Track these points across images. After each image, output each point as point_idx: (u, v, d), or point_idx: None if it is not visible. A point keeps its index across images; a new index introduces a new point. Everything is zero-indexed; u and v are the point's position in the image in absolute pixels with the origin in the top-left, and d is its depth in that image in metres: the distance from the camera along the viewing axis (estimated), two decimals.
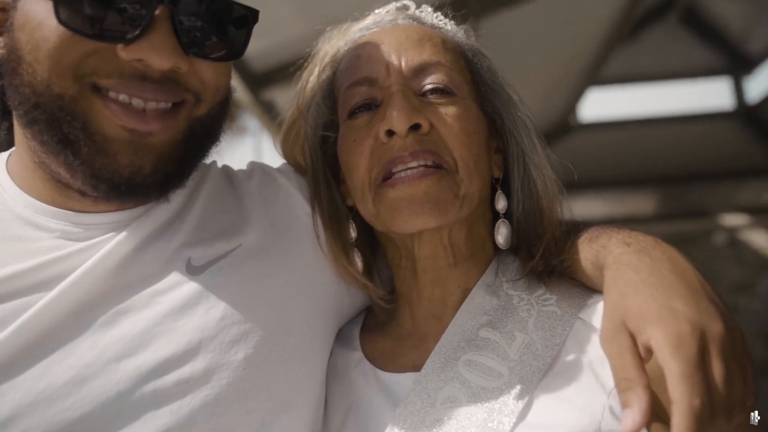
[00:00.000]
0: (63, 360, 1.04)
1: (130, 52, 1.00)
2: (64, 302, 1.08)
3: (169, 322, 1.11)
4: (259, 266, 1.24)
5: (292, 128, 1.50)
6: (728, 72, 11.20)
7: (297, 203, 1.38)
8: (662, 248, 1.12)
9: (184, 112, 1.10)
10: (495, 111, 1.37)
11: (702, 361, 0.89)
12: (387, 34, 1.36)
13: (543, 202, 1.33)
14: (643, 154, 10.45)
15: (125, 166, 1.05)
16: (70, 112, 1.02)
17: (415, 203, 1.22)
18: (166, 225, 1.22)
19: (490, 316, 1.26)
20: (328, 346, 1.36)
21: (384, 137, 1.24)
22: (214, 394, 1.09)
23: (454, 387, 1.19)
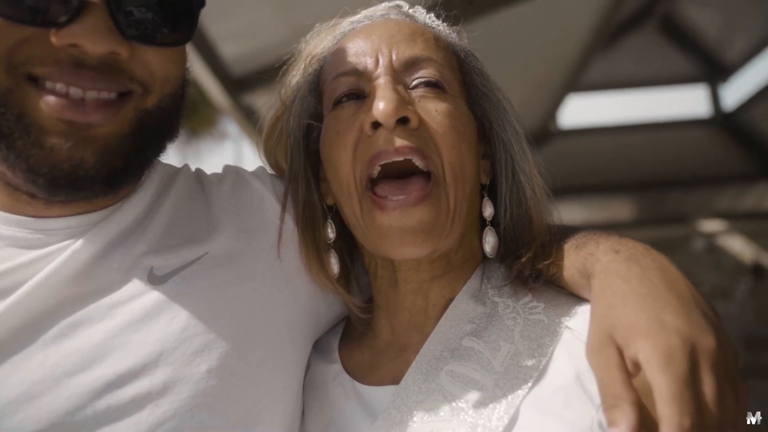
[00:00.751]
0: (10, 376, 1.00)
1: (62, 36, 0.95)
2: (15, 315, 1.03)
3: (128, 334, 1.07)
4: (226, 274, 1.20)
5: (276, 125, 1.44)
6: (705, 79, 11.29)
7: (270, 208, 1.33)
8: (652, 256, 1.08)
9: (130, 104, 1.05)
10: (484, 115, 1.32)
11: (692, 378, 0.85)
12: (378, 27, 1.31)
13: (532, 210, 1.28)
14: (622, 160, 10.50)
15: (64, 159, 0.99)
16: (3, 103, 0.97)
17: (407, 234, 1.17)
18: (129, 231, 1.17)
19: (475, 324, 1.21)
20: (303, 357, 1.31)
21: (369, 129, 1.18)
22: (174, 408, 1.04)
23: (436, 399, 1.14)
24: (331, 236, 1.32)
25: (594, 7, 6.38)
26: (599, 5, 6.34)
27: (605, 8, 6.37)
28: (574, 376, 1.10)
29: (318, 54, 1.39)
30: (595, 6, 6.36)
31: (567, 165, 10.24)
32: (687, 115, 11.32)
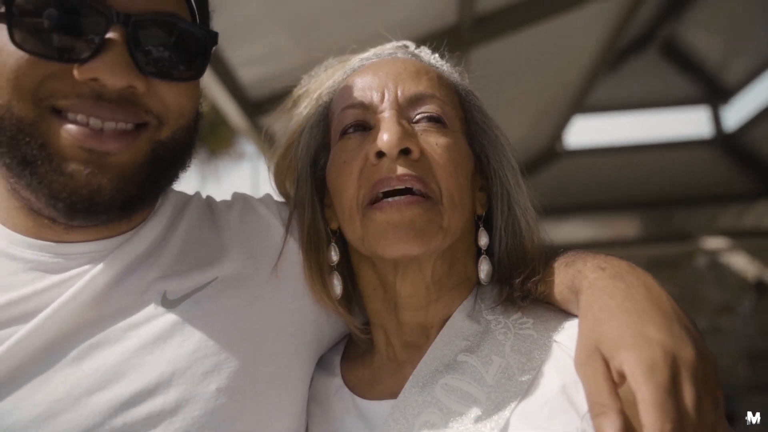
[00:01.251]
0: (32, 395, 1.01)
1: (84, 71, 0.99)
2: (38, 337, 1.05)
3: (143, 356, 1.09)
4: (235, 298, 1.22)
5: (286, 155, 1.47)
6: (706, 101, 11.26)
7: (276, 233, 1.35)
8: (636, 273, 1.10)
9: (146, 135, 1.08)
10: (482, 150, 1.36)
11: (673, 387, 0.88)
12: (386, 64, 1.35)
13: (526, 240, 1.31)
14: (626, 179, 10.47)
15: (83, 185, 1.02)
16: (29, 133, 1.00)
17: (400, 229, 1.19)
18: (144, 257, 1.19)
19: (469, 341, 1.24)
20: (307, 374, 1.33)
21: (374, 158, 1.22)
22: (186, 425, 1.06)
23: (432, 412, 1.16)
24: (335, 259, 1.35)
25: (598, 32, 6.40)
26: (603, 30, 6.35)
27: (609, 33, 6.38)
28: (560, 389, 1.13)
29: (327, 87, 1.43)
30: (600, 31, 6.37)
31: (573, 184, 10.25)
32: (689, 136, 11.28)
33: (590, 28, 6.25)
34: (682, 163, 10.71)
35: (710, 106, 11.22)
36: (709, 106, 11.24)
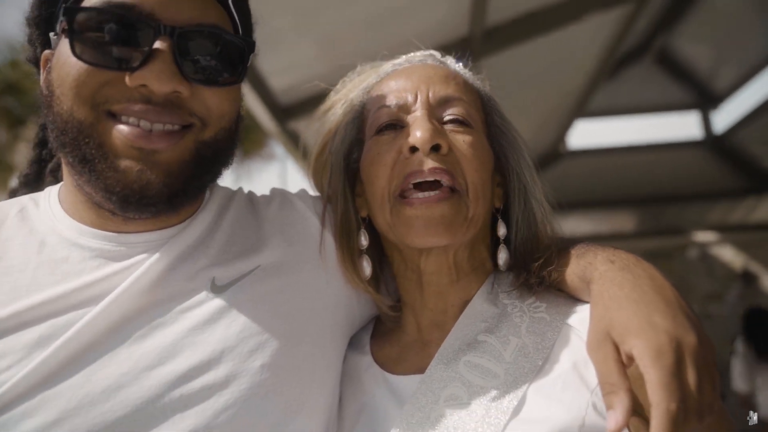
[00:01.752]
0: (102, 369, 1.05)
1: (134, 78, 1.02)
2: (105, 318, 1.08)
3: (195, 335, 1.11)
4: (276, 284, 1.24)
5: (323, 151, 1.48)
6: (697, 106, 11.21)
7: (312, 225, 1.37)
8: (643, 266, 1.12)
9: (190, 135, 1.10)
10: (501, 150, 1.37)
11: (678, 370, 0.90)
12: (417, 69, 1.38)
13: (540, 231, 1.33)
14: (624, 178, 10.44)
15: (134, 180, 1.05)
16: (88, 134, 1.05)
17: (430, 224, 1.22)
18: (194, 246, 1.21)
19: (488, 322, 1.26)
20: (341, 352, 1.35)
21: (407, 152, 1.24)
22: (234, 398, 1.09)
23: (456, 386, 1.18)
24: (364, 243, 1.36)
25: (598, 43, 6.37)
26: (603, 41, 6.33)
27: (608, 44, 6.37)
28: (571, 366, 1.14)
29: (361, 89, 1.44)
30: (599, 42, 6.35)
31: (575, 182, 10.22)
32: (681, 138, 11.24)
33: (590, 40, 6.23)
34: (674, 163, 10.68)
35: (701, 110, 11.18)
36: (699, 111, 11.19)
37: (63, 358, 1.03)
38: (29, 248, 1.15)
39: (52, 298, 1.08)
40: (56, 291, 1.09)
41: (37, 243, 1.16)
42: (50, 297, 1.08)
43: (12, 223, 1.20)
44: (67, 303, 1.08)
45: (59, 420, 0.99)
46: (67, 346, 1.04)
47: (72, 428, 0.99)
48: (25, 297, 1.08)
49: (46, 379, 1.02)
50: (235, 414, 1.08)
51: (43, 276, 1.11)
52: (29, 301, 1.07)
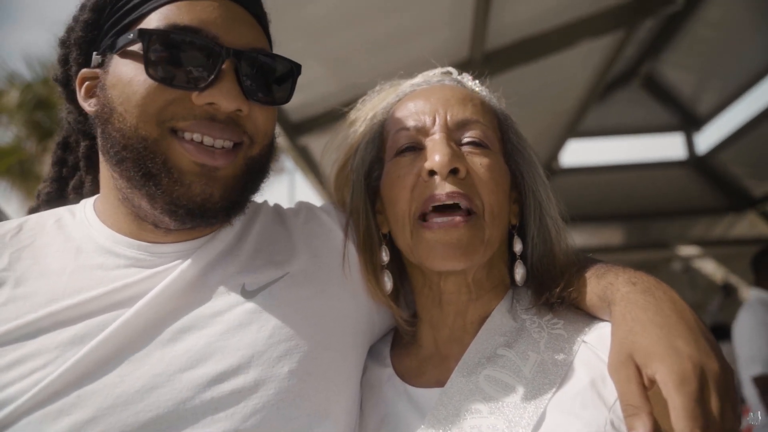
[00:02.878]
0: (136, 370, 1.04)
1: (202, 97, 1.04)
2: (137, 321, 1.07)
3: (226, 339, 1.09)
4: (303, 291, 1.22)
5: (344, 168, 1.46)
6: (681, 128, 11.20)
7: (336, 237, 1.35)
8: (663, 288, 1.08)
9: (242, 152, 1.12)
10: (518, 168, 1.33)
11: (701, 396, 0.87)
12: (436, 91, 1.33)
13: (555, 247, 1.28)
14: (612, 194, 10.45)
15: (198, 194, 1.07)
16: (152, 151, 1.05)
17: (448, 248, 1.18)
18: (223, 254, 1.21)
19: (507, 337, 1.21)
20: (361, 360, 1.32)
21: (426, 176, 1.21)
22: (263, 402, 1.06)
23: (476, 400, 1.14)
24: (385, 259, 1.32)
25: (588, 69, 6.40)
26: (593, 67, 6.35)
27: (598, 69, 6.39)
28: (589, 382, 1.10)
29: (381, 108, 1.41)
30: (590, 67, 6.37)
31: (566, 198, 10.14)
32: (666, 157, 11.23)
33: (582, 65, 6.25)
34: (659, 181, 10.69)
35: (684, 132, 11.17)
36: (683, 133, 11.19)
37: (97, 357, 1.02)
38: (66, 254, 1.15)
39: (86, 300, 1.07)
40: (91, 294, 1.08)
41: (74, 249, 1.16)
42: (85, 299, 1.07)
43: (50, 231, 1.20)
44: (101, 305, 1.08)
45: (95, 418, 0.98)
46: (101, 347, 1.03)
47: (106, 427, 0.98)
48: (60, 299, 1.07)
49: (82, 376, 1.01)
50: (263, 418, 1.06)
51: (78, 280, 1.11)
52: (65, 302, 1.07)
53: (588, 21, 5.25)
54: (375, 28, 4.33)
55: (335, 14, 4.02)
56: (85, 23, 1.12)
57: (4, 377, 1.00)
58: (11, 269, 1.12)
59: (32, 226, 1.21)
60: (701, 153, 10.90)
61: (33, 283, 1.10)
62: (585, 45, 5.37)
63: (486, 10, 4.38)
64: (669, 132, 11.28)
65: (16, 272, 1.12)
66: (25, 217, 1.25)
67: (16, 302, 1.07)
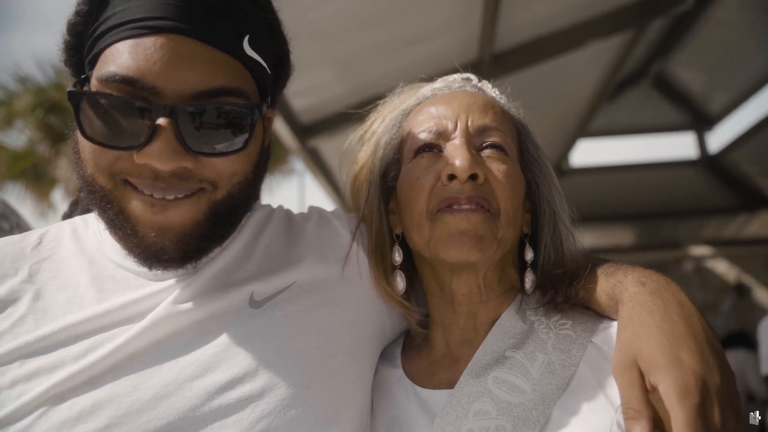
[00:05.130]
0: (148, 380, 1.04)
1: (139, 157, 0.98)
2: (149, 333, 1.08)
3: (233, 349, 1.10)
4: (311, 300, 1.21)
5: (360, 172, 1.45)
6: (692, 128, 11.14)
7: (346, 242, 1.34)
8: (672, 290, 1.06)
9: (203, 197, 1.06)
10: (533, 177, 1.33)
11: (703, 409, 0.88)
12: (457, 96, 1.33)
13: (566, 256, 1.28)
14: (623, 194, 10.40)
15: (151, 244, 1.04)
16: (109, 200, 1.03)
17: (464, 236, 1.18)
18: (233, 264, 1.21)
19: (516, 338, 1.21)
20: (372, 365, 1.32)
21: (445, 179, 1.20)
22: (269, 408, 1.07)
23: (485, 401, 1.14)
24: (398, 259, 1.32)
25: (599, 69, 6.37)
26: (603, 67, 6.32)
27: (608, 69, 6.36)
28: (597, 384, 1.10)
29: (400, 111, 1.41)
30: (600, 67, 6.34)
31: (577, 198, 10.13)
32: (677, 157, 11.18)
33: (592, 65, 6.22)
34: (671, 181, 10.63)
35: (696, 131, 11.12)
36: (694, 132, 11.13)
37: (111, 366, 1.04)
38: (81, 266, 1.16)
39: (99, 313, 1.08)
40: (103, 307, 1.09)
41: (88, 261, 1.17)
42: (98, 312, 1.09)
43: (67, 242, 1.21)
44: (113, 318, 1.09)
45: (109, 426, 0.99)
46: (115, 357, 1.05)
47: None
48: (76, 311, 1.09)
49: (97, 386, 1.02)
50: (270, 424, 1.06)
51: (92, 293, 1.12)
52: (80, 315, 1.08)
53: (597, 21, 5.23)
54: (384, 31, 4.34)
55: (344, 18, 4.03)
56: (66, 46, 1.08)
57: (24, 387, 1.02)
58: (31, 281, 1.14)
59: (51, 238, 1.22)
60: (713, 152, 10.84)
61: (52, 295, 1.12)
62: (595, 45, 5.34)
63: (495, 12, 4.38)
64: (680, 131, 11.23)
65: (36, 285, 1.13)
66: (46, 228, 1.27)
67: (35, 314, 1.09)
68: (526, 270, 1.30)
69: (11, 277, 1.14)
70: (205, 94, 1.00)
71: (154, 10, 0.97)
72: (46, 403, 1.00)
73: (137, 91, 0.97)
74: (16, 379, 1.03)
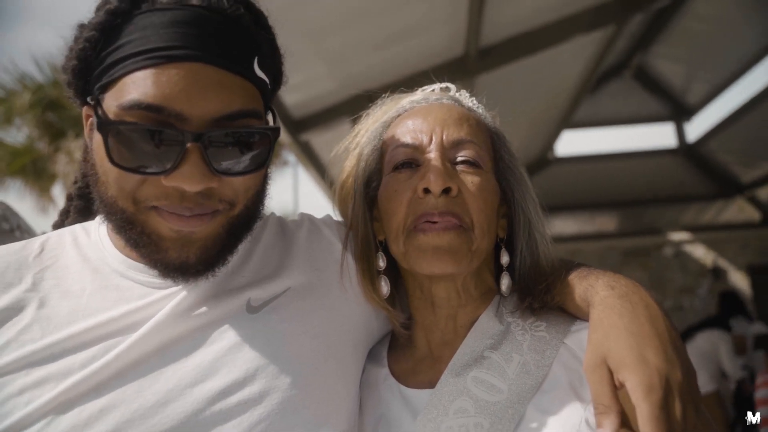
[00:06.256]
0: (151, 386, 1.05)
1: (168, 180, 1.00)
2: (152, 339, 1.08)
3: (232, 354, 1.11)
4: (305, 305, 1.23)
5: (347, 181, 1.46)
6: (671, 118, 11.17)
7: (336, 250, 1.36)
8: (639, 293, 1.12)
9: (222, 215, 1.08)
10: (508, 185, 1.35)
11: (665, 403, 0.94)
12: (434, 109, 1.35)
13: (542, 260, 1.31)
14: (606, 182, 10.44)
15: (175, 258, 1.05)
16: (131, 222, 1.04)
17: (438, 252, 1.21)
18: (230, 272, 1.21)
19: (493, 339, 1.25)
20: (360, 366, 1.34)
21: (421, 193, 1.23)
22: (267, 411, 1.08)
23: (464, 400, 1.18)
24: (382, 265, 1.34)
25: (582, 62, 6.38)
26: (586, 59, 6.33)
27: (591, 62, 6.37)
28: (568, 383, 1.15)
29: (381, 122, 1.42)
30: (583, 60, 6.35)
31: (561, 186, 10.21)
32: (657, 146, 11.21)
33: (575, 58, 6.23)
34: (651, 170, 10.67)
35: (675, 122, 11.14)
36: (673, 122, 11.16)
37: (116, 373, 1.05)
38: (84, 275, 1.16)
39: (103, 321, 1.09)
40: (107, 315, 1.09)
41: (91, 270, 1.17)
42: (102, 321, 1.09)
43: (69, 251, 1.20)
44: (117, 326, 1.09)
45: (115, 431, 1.00)
46: (118, 363, 1.05)
47: None
48: (81, 320, 1.09)
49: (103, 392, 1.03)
50: (268, 426, 1.08)
51: (96, 301, 1.12)
52: (84, 324, 1.08)
53: (580, 16, 5.24)
54: (373, 27, 4.32)
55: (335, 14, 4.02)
56: (72, 70, 1.08)
57: (33, 394, 1.02)
58: (35, 290, 1.13)
59: (53, 245, 1.22)
60: (691, 141, 10.88)
61: (56, 303, 1.12)
62: (578, 39, 5.37)
63: (480, 8, 4.37)
64: (660, 122, 11.25)
65: (40, 293, 1.13)
66: (46, 235, 1.26)
67: (40, 323, 1.09)
68: (502, 273, 1.32)
69: (15, 286, 1.13)
70: (225, 118, 1.02)
71: (172, 39, 0.98)
72: (54, 410, 1.01)
73: (163, 117, 0.98)
74: (25, 386, 1.02)
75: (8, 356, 1.04)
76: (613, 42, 5.91)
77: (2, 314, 1.09)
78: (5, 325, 1.08)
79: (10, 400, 1.01)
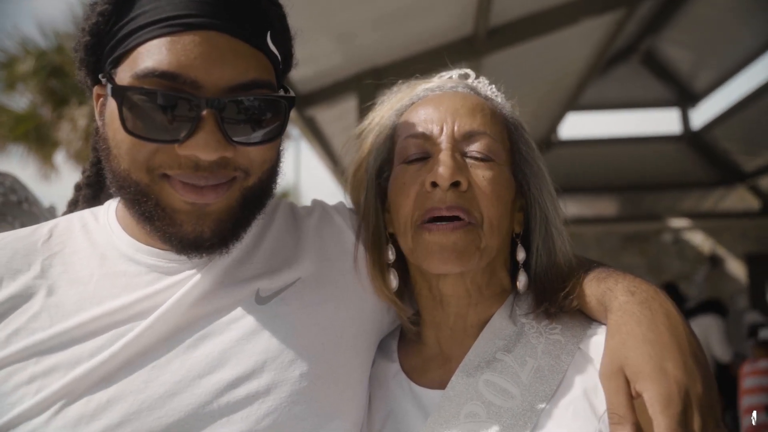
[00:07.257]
0: (159, 377, 1.04)
1: (183, 149, 0.98)
2: (159, 329, 1.06)
3: (241, 345, 1.09)
4: (315, 296, 1.20)
5: (359, 170, 1.41)
6: (677, 104, 11.14)
7: (348, 239, 1.32)
8: (660, 300, 1.07)
9: (236, 185, 1.06)
10: (525, 178, 1.28)
11: (684, 418, 0.90)
12: (447, 99, 1.28)
13: (560, 258, 1.24)
14: (608, 166, 10.43)
15: (190, 232, 1.03)
16: (144, 194, 1.02)
17: (444, 251, 1.16)
18: (240, 260, 1.19)
19: (506, 341, 1.20)
20: (370, 359, 1.30)
21: (429, 187, 1.17)
22: (276, 404, 1.06)
23: (476, 404, 1.13)
24: (391, 258, 1.29)
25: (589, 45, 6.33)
26: (594, 42, 6.27)
27: (599, 45, 6.31)
28: (582, 392, 1.10)
29: (395, 111, 1.36)
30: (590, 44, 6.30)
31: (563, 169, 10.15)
32: (661, 132, 11.20)
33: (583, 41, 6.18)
34: (654, 155, 10.67)
35: (680, 108, 11.12)
36: (679, 108, 11.13)
37: (123, 363, 1.03)
38: (92, 261, 1.14)
39: (112, 309, 1.07)
40: (116, 303, 1.08)
41: (99, 256, 1.14)
42: (111, 309, 1.07)
43: (77, 236, 1.18)
44: (125, 315, 1.07)
45: (122, 422, 0.99)
46: (126, 353, 1.03)
47: (133, 430, 1.00)
48: (89, 308, 1.07)
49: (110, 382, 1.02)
50: (276, 419, 1.06)
51: (104, 288, 1.10)
52: (93, 312, 1.06)
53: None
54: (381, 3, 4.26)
55: None
56: (85, 46, 1.06)
57: (42, 382, 1.01)
58: (44, 277, 1.11)
59: (61, 231, 1.19)
60: (695, 128, 10.86)
61: (64, 291, 1.10)
62: (587, 22, 5.32)
63: None
64: (665, 107, 11.22)
65: (48, 280, 1.11)
66: (55, 220, 1.23)
67: (49, 311, 1.07)
68: (519, 271, 1.26)
69: (24, 273, 1.11)
70: (240, 87, 1.00)
71: (187, 8, 0.97)
72: (62, 399, 1.00)
73: (178, 85, 0.96)
74: (34, 375, 1.01)
75: (18, 344, 1.03)
76: (623, 26, 5.85)
77: (12, 301, 1.07)
78: (15, 312, 1.07)
79: (20, 388, 1.00)
